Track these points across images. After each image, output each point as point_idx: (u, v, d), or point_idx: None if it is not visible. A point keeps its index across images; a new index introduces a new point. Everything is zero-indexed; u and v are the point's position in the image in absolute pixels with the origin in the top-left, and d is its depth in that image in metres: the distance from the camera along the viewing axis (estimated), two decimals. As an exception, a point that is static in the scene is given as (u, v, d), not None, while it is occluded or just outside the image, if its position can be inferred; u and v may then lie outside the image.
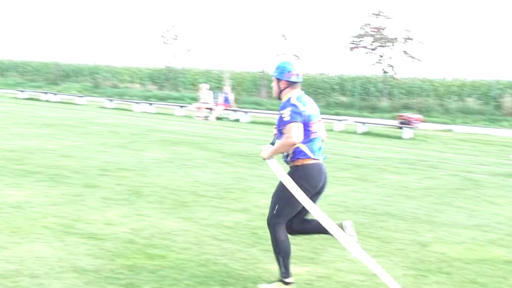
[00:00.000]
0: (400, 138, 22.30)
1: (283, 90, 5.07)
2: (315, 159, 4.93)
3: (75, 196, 7.98)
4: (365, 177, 11.77)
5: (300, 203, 4.84)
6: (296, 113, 4.83)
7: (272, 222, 4.97)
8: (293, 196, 4.82)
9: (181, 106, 30.08)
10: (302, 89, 5.12)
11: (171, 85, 43.95)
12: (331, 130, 24.35)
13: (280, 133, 5.00)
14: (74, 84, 45.43)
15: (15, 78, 49.19)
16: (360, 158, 14.92)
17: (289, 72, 5.05)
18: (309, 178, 4.90)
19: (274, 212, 4.97)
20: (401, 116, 26.78)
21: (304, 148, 4.88)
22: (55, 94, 35.12)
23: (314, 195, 4.97)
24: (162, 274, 5.16)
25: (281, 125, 4.93)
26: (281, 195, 4.96)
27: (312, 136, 4.93)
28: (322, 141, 5.11)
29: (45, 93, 35.34)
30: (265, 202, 8.51)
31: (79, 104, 32.06)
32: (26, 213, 6.93)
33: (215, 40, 73.59)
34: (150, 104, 31.29)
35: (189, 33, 67.38)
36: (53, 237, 6.03)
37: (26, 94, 35.09)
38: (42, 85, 44.54)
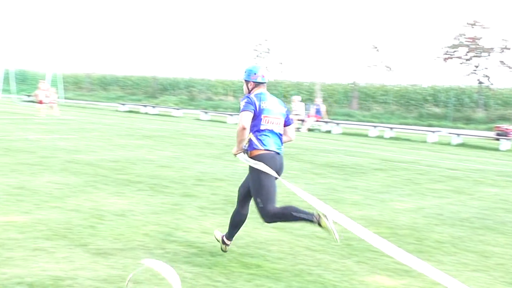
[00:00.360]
0: (497, 149, 21.51)
1: (251, 90, 5.87)
2: (266, 150, 5.64)
3: (173, 205, 8.27)
4: (461, 189, 11.47)
5: (271, 184, 5.58)
6: (248, 103, 5.63)
7: (266, 214, 5.62)
8: (262, 182, 5.56)
9: (273, 118, 30.35)
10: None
11: (263, 97, 44.42)
12: (424, 142, 23.84)
13: None
14: (171, 97, 46.89)
15: (116, 92, 51.45)
16: (455, 170, 14.53)
17: (255, 74, 5.87)
18: (266, 162, 5.56)
19: (261, 205, 5.61)
20: (498, 127, 25.87)
21: (254, 140, 5.65)
22: (154, 107, 36.42)
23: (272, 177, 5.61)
24: (258, 283, 5.26)
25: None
26: (255, 188, 5.64)
27: (262, 127, 5.67)
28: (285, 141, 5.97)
29: (144, 106, 36.73)
30: (359, 213, 8.50)
31: (175, 116, 33.06)
32: (128, 221, 7.25)
33: (307, 53, 73.71)
34: (243, 116, 31.77)
35: (281, 46, 67.96)
36: (154, 245, 6.28)
37: (126, 107, 36.61)
38: (141, 98, 46.31)
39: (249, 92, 5.87)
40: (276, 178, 5.68)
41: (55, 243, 6.03)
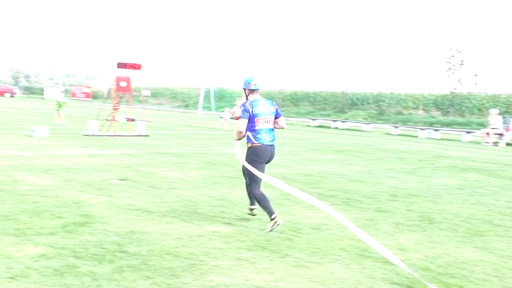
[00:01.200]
0: None
1: (248, 95, 7.59)
2: (258, 143, 7.39)
3: (368, 220, 8.23)
4: None
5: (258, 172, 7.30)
6: (244, 111, 7.37)
7: (250, 188, 7.55)
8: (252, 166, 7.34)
9: (468, 132, 29.02)
10: None
11: (456, 111, 42.61)
12: None
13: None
14: (360, 111, 46.78)
15: (306, 107, 52.54)
16: None
17: (249, 83, 7.57)
18: (256, 153, 7.43)
19: (248, 181, 7.57)
20: None
21: (251, 136, 7.43)
22: (343, 121, 36.66)
23: (263, 163, 7.49)
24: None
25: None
26: (248, 172, 7.43)
27: (256, 128, 7.42)
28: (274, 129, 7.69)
29: (334, 120, 37.14)
30: None
31: (365, 131, 32.93)
32: (323, 234, 7.35)
33: (504, 63, 69.34)
34: (435, 130, 30.79)
35: (476, 57, 64.72)
36: (350, 260, 6.27)
37: (317, 122, 37.33)
38: (331, 113, 46.79)
39: (247, 97, 7.56)
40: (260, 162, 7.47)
41: (256, 253, 6.29)
